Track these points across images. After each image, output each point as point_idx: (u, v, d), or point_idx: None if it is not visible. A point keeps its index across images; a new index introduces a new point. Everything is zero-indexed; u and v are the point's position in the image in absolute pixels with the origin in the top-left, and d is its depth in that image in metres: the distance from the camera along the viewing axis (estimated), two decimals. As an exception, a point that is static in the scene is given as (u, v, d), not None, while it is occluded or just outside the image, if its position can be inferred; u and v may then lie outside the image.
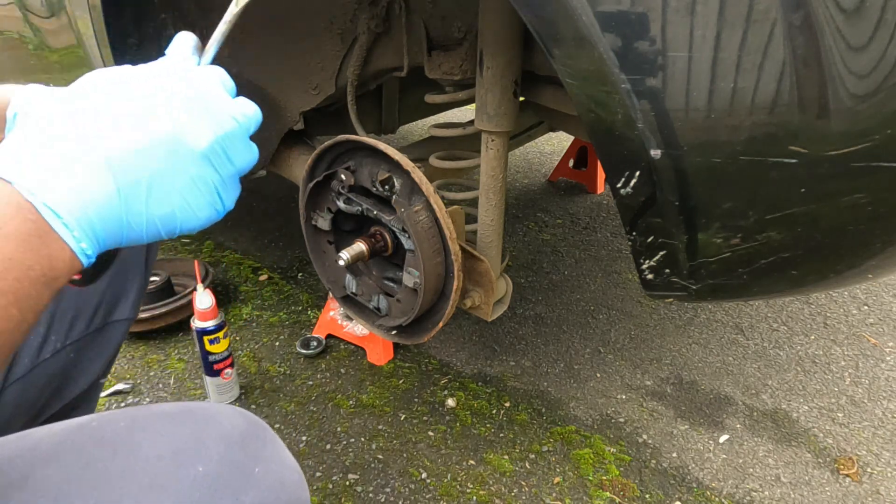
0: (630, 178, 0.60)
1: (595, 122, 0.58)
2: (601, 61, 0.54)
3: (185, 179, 0.39)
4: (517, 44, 0.84)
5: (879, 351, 1.47)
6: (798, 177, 0.55)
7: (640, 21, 0.51)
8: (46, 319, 0.70)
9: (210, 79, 0.41)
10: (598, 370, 1.42)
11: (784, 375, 1.39)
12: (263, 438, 0.50)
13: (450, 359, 1.45)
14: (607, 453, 1.19)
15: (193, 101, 0.39)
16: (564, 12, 0.53)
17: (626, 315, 1.61)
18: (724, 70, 0.51)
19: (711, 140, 0.55)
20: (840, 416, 1.28)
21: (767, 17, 0.49)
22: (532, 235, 2.04)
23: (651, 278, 0.68)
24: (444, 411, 1.29)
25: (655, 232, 0.63)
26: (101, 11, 0.89)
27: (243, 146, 0.42)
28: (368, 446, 1.20)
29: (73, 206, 0.35)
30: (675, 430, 1.25)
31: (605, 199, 2.29)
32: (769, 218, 0.58)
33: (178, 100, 0.39)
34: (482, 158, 0.95)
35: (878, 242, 0.61)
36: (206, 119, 0.39)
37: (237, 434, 0.48)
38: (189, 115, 0.39)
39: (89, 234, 0.36)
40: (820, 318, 1.59)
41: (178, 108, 0.39)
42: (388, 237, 0.94)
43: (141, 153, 0.37)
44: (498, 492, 1.11)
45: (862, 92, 0.50)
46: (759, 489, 1.11)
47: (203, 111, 0.39)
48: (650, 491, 1.11)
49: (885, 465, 1.16)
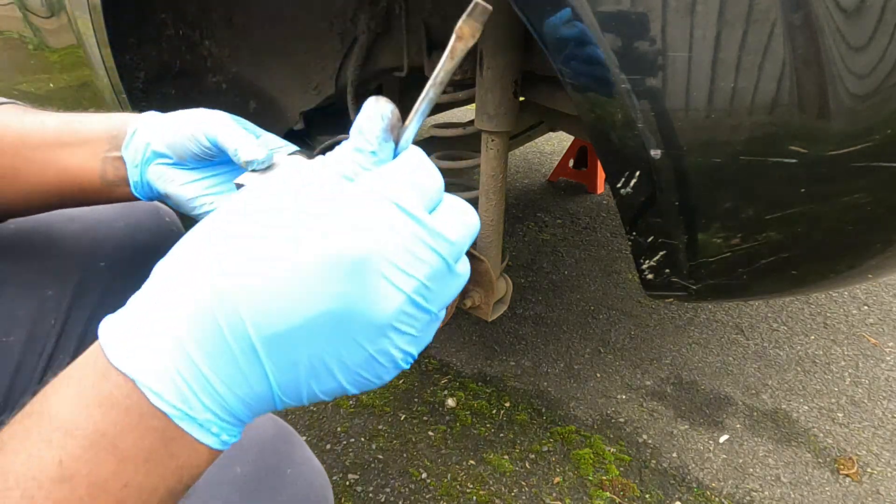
0: (630, 178, 0.60)
1: (595, 122, 0.58)
2: (601, 61, 0.54)
3: (362, 356, 0.29)
4: (517, 44, 0.84)
5: (879, 351, 1.47)
6: (798, 177, 0.55)
7: (640, 21, 0.51)
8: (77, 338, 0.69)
9: (403, 193, 0.29)
10: (598, 370, 1.42)
11: (784, 375, 1.39)
12: (292, 442, 0.52)
13: (450, 359, 1.45)
14: (607, 453, 1.19)
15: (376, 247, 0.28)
16: (564, 12, 0.53)
17: (626, 315, 1.61)
18: (724, 70, 0.51)
19: (711, 140, 0.55)
20: (840, 416, 1.28)
21: (767, 17, 0.49)
22: (532, 235, 2.04)
23: (651, 278, 0.68)
24: (444, 411, 1.29)
25: (655, 232, 0.63)
26: (101, 11, 0.89)
27: (447, 283, 0.30)
28: (368, 446, 1.20)
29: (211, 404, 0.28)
30: (675, 430, 1.25)
31: (605, 199, 2.29)
32: (769, 218, 0.58)
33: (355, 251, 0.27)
34: (482, 158, 0.95)
35: (878, 242, 0.61)
36: (394, 269, 0.28)
37: (269, 437, 0.50)
38: (371, 272, 0.28)
39: (230, 425, 0.29)
40: (820, 318, 1.59)
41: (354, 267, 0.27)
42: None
43: (295, 333, 0.28)
44: (498, 492, 1.11)
45: (862, 92, 0.50)
46: (759, 489, 1.11)
47: (392, 257, 0.28)
48: (650, 491, 1.11)
49: (885, 465, 1.16)
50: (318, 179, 0.30)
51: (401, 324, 0.29)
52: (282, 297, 0.27)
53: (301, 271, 0.27)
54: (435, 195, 0.31)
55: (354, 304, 0.28)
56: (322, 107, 1.19)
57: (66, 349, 0.66)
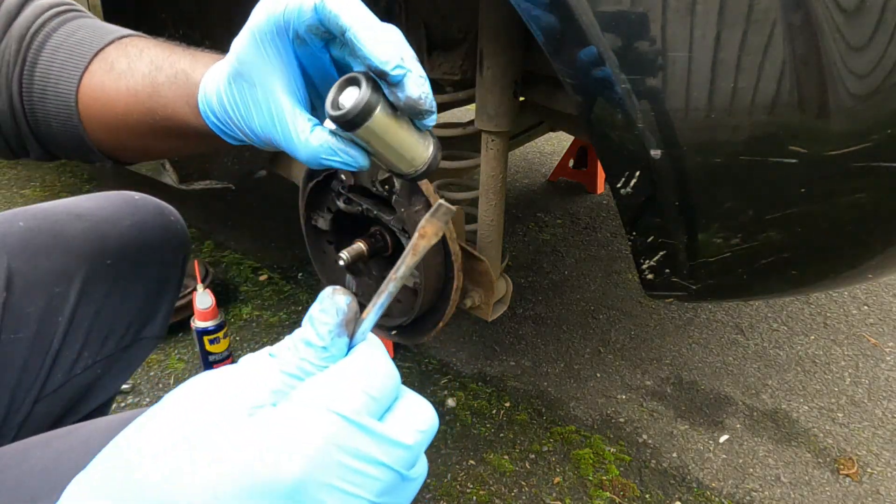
0: (630, 178, 0.60)
1: (595, 122, 0.58)
2: (601, 61, 0.54)
3: None
4: (517, 44, 0.84)
5: (879, 351, 1.47)
6: (798, 177, 0.55)
7: (640, 21, 0.51)
8: (83, 336, 0.68)
9: (348, 401, 0.26)
10: (598, 370, 1.42)
11: (784, 375, 1.39)
12: None
13: (450, 359, 1.45)
14: (607, 453, 1.19)
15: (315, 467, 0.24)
16: (564, 12, 0.53)
17: (626, 315, 1.61)
18: (724, 70, 0.51)
19: (711, 140, 0.55)
20: (840, 416, 1.28)
21: (767, 17, 0.49)
22: (532, 235, 2.04)
23: (651, 278, 0.68)
24: (444, 411, 1.29)
25: (655, 232, 0.63)
26: (101, 11, 0.90)
27: (402, 492, 0.27)
28: (368, 446, 1.20)
29: None
30: (675, 430, 1.25)
31: (605, 199, 2.29)
32: (769, 218, 0.58)
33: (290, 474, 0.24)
34: (482, 158, 0.95)
35: (878, 242, 0.61)
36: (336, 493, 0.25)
37: None
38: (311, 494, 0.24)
39: None
40: (820, 318, 1.59)
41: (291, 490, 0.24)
42: (388, 237, 0.94)
43: None
44: (498, 492, 1.11)
45: (862, 92, 0.50)
46: (759, 489, 1.11)
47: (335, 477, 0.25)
48: (650, 491, 1.11)
49: (885, 465, 1.16)
50: (246, 392, 0.27)
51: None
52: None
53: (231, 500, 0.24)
54: (388, 395, 0.28)
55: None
56: (322, 107, 1.19)
57: (72, 347, 0.66)
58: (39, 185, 2.44)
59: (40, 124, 0.53)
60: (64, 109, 0.51)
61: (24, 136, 0.54)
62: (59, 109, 0.51)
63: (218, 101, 0.44)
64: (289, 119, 0.41)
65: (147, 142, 0.53)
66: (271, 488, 0.24)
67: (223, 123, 0.46)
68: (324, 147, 0.41)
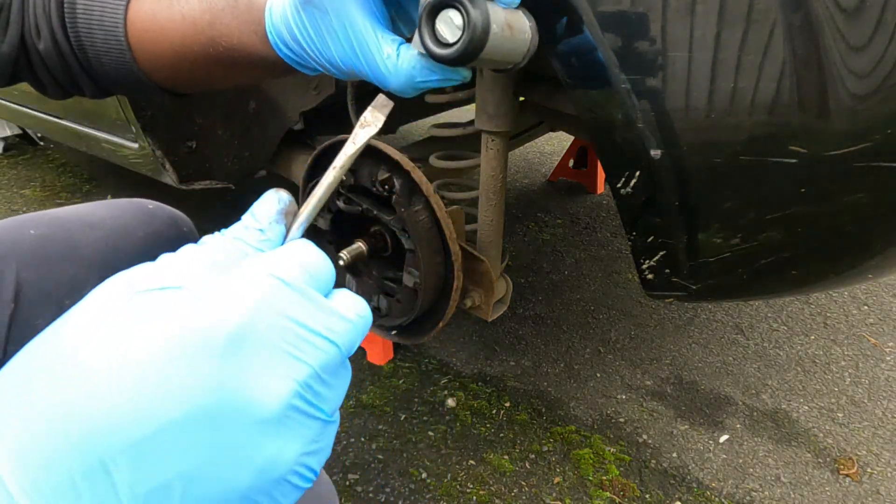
0: (630, 178, 0.60)
1: (595, 122, 0.58)
2: (601, 61, 0.54)
3: (251, 468, 0.23)
4: (517, 44, 0.84)
5: (879, 351, 1.47)
6: (798, 177, 0.55)
7: (640, 21, 0.51)
8: None
9: (289, 269, 0.25)
10: (598, 370, 1.42)
11: (784, 375, 1.39)
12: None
13: (450, 359, 1.45)
14: (607, 453, 1.19)
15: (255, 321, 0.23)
16: (564, 12, 0.53)
17: (626, 315, 1.61)
18: (724, 70, 0.51)
19: (711, 140, 0.55)
20: (840, 416, 1.28)
21: (767, 17, 0.49)
22: (532, 235, 2.04)
23: (651, 278, 0.68)
24: (444, 411, 1.29)
25: (655, 232, 0.63)
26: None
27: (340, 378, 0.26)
28: (368, 446, 1.20)
29: None
30: (675, 430, 1.25)
31: (605, 199, 2.29)
32: (769, 218, 0.58)
33: (228, 325, 0.22)
34: (482, 158, 0.95)
35: (878, 242, 0.61)
36: (278, 352, 0.23)
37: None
38: (251, 354, 0.23)
39: None
40: (820, 318, 1.59)
41: (229, 344, 0.22)
42: (388, 237, 0.94)
43: (164, 439, 0.21)
44: (498, 492, 1.11)
45: (862, 92, 0.50)
46: (759, 489, 1.11)
47: (277, 338, 0.23)
48: (650, 491, 1.11)
49: (885, 465, 1.16)
50: (177, 269, 0.25)
51: (292, 423, 0.23)
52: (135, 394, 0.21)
53: (161, 356, 0.21)
54: (325, 278, 0.27)
55: (232, 395, 0.22)
56: (322, 107, 1.19)
57: None
58: (39, 185, 2.45)
59: (91, 61, 0.49)
60: (114, 44, 0.47)
61: (75, 75, 0.50)
62: (109, 44, 0.47)
63: (288, 32, 0.39)
64: (372, 47, 0.36)
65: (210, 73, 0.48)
66: (207, 342, 0.22)
67: (298, 56, 0.41)
68: (417, 69, 0.37)
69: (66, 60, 0.50)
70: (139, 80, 0.50)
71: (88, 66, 0.50)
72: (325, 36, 0.38)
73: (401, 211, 0.85)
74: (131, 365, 0.21)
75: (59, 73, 0.51)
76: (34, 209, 2.12)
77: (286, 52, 0.41)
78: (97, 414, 0.20)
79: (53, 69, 0.51)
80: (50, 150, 2.88)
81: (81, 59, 0.50)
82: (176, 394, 0.21)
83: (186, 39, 0.46)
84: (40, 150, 2.87)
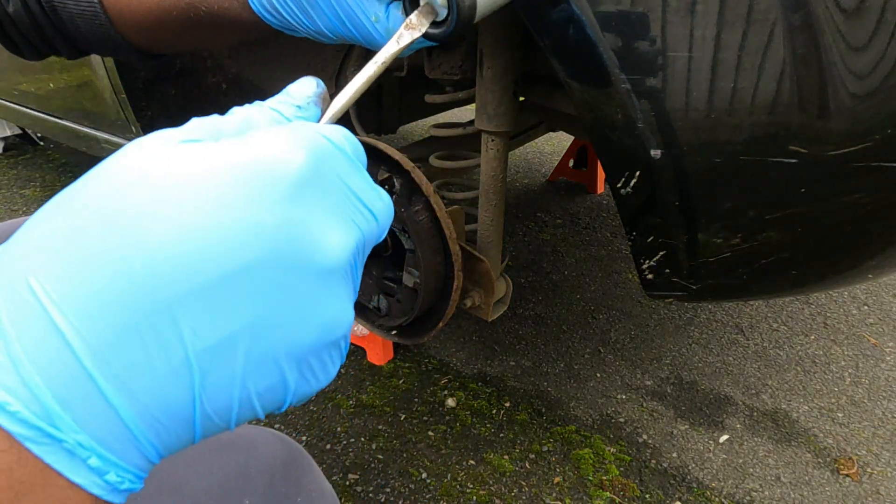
0: (630, 178, 0.60)
1: (595, 122, 0.58)
2: (601, 61, 0.54)
3: (314, 326, 0.21)
4: (517, 44, 0.84)
5: (879, 351, 1.47)
6: (798, 177, 0.55)
7: (640, 21, 0.51)
8: None
9: (335, 134, 0.23)
10: (598, 370, 1.42)
11: (784, 375, 1.39)
12: (302, 466, 0.49)
13: (450, 359, 1.45)
14: (607, 453, 1.19)
15: (318, 172, 0.22)
16: (564, 12, 0.53)
17: (626, 315, 1.61)
18: (724, 70, 0.51)
19: (711, 140, 0.55)
20: (840, 416, 1.28)
21: (767, 17, 0.49)
22: (532, 235, 2.04)
23: (651, 278, 0.68)
24: (444, 411, 1.29)
25: (655, 232, 0.63)
26: None
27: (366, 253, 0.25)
28: (368, 446, 1.20)
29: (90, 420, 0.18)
30: (675, 430, 1.25)
31: (605, 199, 2.29)
32: (769, 218, 0.58)
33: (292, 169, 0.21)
34: (482, 158, 0.95)
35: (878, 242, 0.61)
36: (338, 212, 0.22)
37: (279, 463, 0.47)
38: (312, 204, 0.21)
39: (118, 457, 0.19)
40: (820, 318, 1.59)
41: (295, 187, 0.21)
42: (387, 237, 0.94)
43: (234, 284, 0.19)
44: (498, 492, 1.11)
45: (862, 92, 0.50)
46: (759, 489, 1.11)
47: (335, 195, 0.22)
48: (650, 491, 1.11)
49: (885, 465, 1.16)
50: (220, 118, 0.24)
51: (348, 283, 0.23)
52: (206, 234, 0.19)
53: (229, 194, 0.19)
54: (364, 161, 0.25)
55: (300, 238, 0.20)
56: (322, 107, 1.19)
57: None
58: (39, 185, 2.45)
59: (66, 24, 0.48)
60: (87, 7, 0.46)
61: (49, 37, 0.49)
62: (82, 7, 0.46)
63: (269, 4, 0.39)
64: (359, 13, 0.36)
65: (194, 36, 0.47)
66: (275, 182, 0.20)
67: (283, 23, 0.40)
68: None
69: (39, 22, 0.48)
70: (117, 43, 0.49)
71: (63, 29, 0.49)
72: (308, 8, 0.38)
73: (401, 211, 0.85)
74: (200, 203, 0.19)
75: (33, 36, 0.50)
76: (34, 209, 2.12)
77: (271, 19, 0.41)
78: (165, 255, 0.18)
79: (27, 33, 0.49)
80: (50, 150, 2.88)
81: (55, 20, 0.48)
82: (247, 232, 0.19)
83: (164, 3, 0.45)
84: (40, 150, 2.87)
